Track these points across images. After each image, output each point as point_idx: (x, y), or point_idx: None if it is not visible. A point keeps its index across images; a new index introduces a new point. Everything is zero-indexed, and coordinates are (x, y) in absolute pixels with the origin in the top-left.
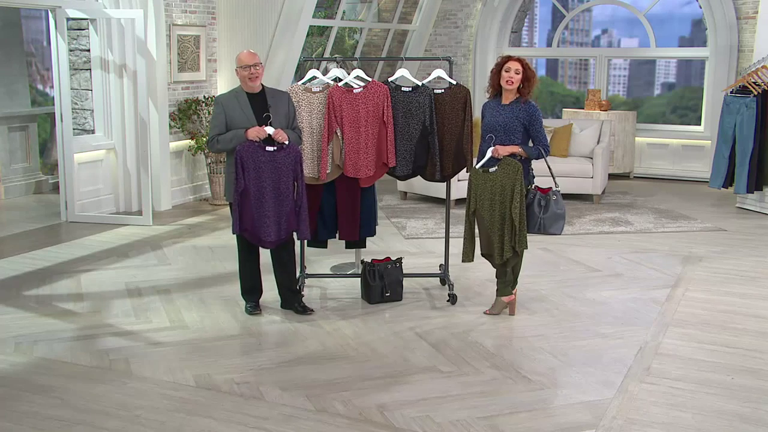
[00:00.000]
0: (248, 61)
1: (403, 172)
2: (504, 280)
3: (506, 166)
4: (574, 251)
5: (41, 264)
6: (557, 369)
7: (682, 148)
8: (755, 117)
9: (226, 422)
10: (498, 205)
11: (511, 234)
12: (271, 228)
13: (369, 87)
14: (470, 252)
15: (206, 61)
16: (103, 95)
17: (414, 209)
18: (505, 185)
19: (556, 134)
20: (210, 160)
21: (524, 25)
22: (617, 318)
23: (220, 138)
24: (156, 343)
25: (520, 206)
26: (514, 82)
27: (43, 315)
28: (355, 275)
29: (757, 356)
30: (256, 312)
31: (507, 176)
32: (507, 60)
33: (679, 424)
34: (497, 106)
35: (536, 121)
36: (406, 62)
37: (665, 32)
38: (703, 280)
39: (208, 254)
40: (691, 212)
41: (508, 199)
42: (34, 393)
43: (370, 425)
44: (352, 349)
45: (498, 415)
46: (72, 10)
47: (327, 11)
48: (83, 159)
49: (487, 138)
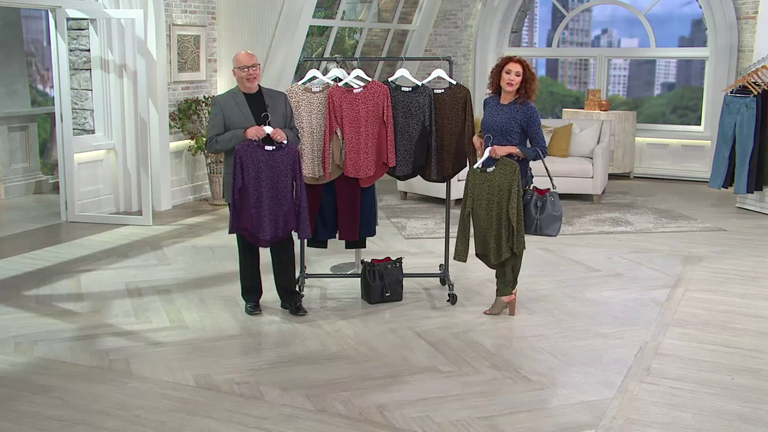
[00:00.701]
0: (246, 61)
1: (403, 172)
2: (504, 280)
3: (503, 167)
4: (574, 251)
5: (41, 264)
6: (557, 369)
7: (682, 148)
8: (755, 117)
9: (226, 422)
10: (495, 205)
11: (508, 234)
12: (267, 227)
13: (369, 87)
14: (463, 252)
15: (206, 61)
16: (103, 95)
17: (414, 209)
18: (502, 185)
19: (556, 134)
20: (210, 160)
21: (524, 25)
22: (617, 318)
23: (218, 138)
24: (156, 343)
25: (518, 207)
26: (513, 84)
27: (43, 315)
28: (355, 275)
29: (757, 356)
30: (256, 312)
31: (504, 176)
32: (508, 61)
33: (679, 424)
34: (496, 105)
35: (534, 122)
36: (406, 62)
37: (665, 32)
38: (703, 280)
39: (208, 254)
40: (691, 212)
41: (505, 199)
42: (34, 393)
43: (370, 425)
44: (352, 349)
45: (498, 415)
46: (72, 10)
47: (327, 11)
48: (83, 159)
49: (485, 138)
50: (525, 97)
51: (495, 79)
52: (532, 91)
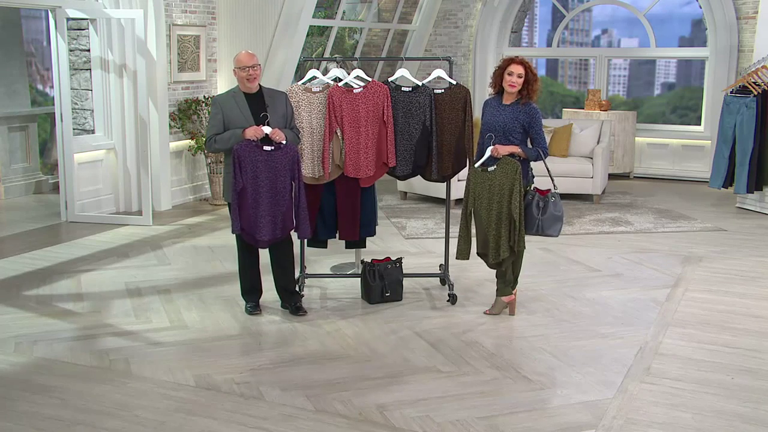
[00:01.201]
0: (247, 62)
1: (403, 172)
2: (504, 280)
3: (505, 166)
4: (574, 251)
5: (41, 264)
6: (557, 369)
7: (682, 148)
8: (755, 117)
9: (226, 422)
10: (495, 204)
11: (508, 233)
12: (266, 227)
13: (369, 87)
14: (465, 251)
15: (206, 61)
16: (103, 95)
17: (414, 209)
18: (504, 185)
19: (556, 134)
20: (210, 160)
21: (524, 25)
22: (617, 318)
23: (217, 138)
24: (156, 343)
25: (520, 206)
26: (516, 85)
27: (43, 315)
28: (355, 275)
29: (757, 356)
30: (256, 312)
31: (506, 176)
32: (510, 63)
33: (679, 424)
34: (498, 105)
35: (536, 123)
36: (406, 62)
37: (665, 32)
38: (703, 280)
39: (208, 254)
40: (691, 212)
41: (506, 198)
42: (34, 393)
43: (370, 425)
44: (352, 349)
45: (498, 415)
46: (72, 10)
47: (327, 11)
48: (83, 159)
49: (486, 137)
50: (527, 98)
51: (497, 80)
52: (534, 92)
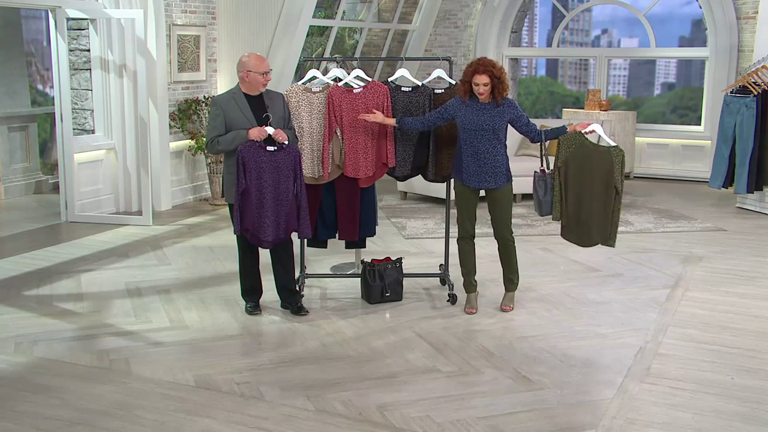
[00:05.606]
0: (265, 67)
1: (402, 173)
2: (511, 270)
3: (612, 148)
4: (574, 251)
5: (41, 264)
6: (557, 369)
7: (682, 148)
8: (755, 117)
9: (226, 422)
10: (597, 181)
11: (603, 225)
12: (269, 228)
13: (369, 87)
14: (558, 213)
15: (206, 61)
16: (103, 95)
17: (414, 209)
18: (605, 164)
19: None
20: (210, 160)
21: (524, 25)
22: (617, 318)
23: (220, 139)
24: (156, 343)
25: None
26: (485, 94)
27: (43, 315)
28: (355, 275)
29: (757, 356)
30: (256, 312)
31: (608, 157)
32: (473, 74)
33: (679, 424)
34: (476, 104)
35: (521, 113)
36: (406, 62)
37: (665, 32)
38: (703, 280)
39: (208, 254)
40: (691, 212)
41: (603, 181)
42: (34, 393)
43: (370, 425)
44: (352, 349)
45: (498, 415)
46: (72, 10)
47: (327, 11)
48: (83, 159)
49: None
50: (500, 97)
51: (467, 88)
52: (506, 88)
